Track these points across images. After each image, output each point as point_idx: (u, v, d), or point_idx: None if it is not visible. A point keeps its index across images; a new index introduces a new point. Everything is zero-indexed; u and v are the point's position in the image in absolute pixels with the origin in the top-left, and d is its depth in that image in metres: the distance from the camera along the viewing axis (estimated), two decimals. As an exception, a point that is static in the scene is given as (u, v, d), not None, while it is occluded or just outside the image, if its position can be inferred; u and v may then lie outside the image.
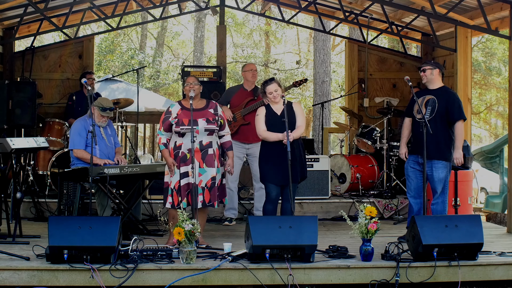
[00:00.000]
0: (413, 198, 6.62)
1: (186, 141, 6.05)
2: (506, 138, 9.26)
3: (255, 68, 7.76)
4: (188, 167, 6.01)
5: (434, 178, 6.47)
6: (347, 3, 9.73)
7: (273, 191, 6.31)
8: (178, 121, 6.08)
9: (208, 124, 6.11)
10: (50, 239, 5.16)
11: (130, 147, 10.01)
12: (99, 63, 20.68)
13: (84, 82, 6.62)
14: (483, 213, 11.07)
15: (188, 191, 6.01)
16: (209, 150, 6.11)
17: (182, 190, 6.04)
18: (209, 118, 6.15)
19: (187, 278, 5.22)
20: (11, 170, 6.58)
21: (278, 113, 6.35)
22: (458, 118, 6.44)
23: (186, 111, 6.12)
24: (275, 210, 6.41)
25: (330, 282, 5.41)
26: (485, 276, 5.56)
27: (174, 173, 6.05)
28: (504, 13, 7.84)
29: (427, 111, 6.48)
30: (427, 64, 6.64)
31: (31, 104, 8.42)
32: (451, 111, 6.42)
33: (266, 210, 6.35)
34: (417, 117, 6.55)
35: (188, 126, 6.01)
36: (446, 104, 6.41)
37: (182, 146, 6.08)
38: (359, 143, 9.51)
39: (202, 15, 20.88)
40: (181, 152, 6.08)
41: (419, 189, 6.56)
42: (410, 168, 6.65)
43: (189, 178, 6.01)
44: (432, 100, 6.50)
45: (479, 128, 24.35)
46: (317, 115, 14.81)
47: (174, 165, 6.05)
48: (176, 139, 6.13)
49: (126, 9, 9.82)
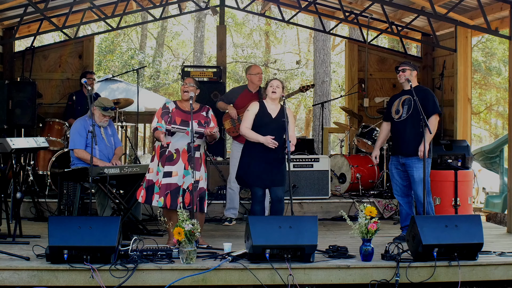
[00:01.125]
0: (400, 197, 6.71)
1: (175, 141, 6.08)
2: (506, 138, 9.26)
3: (260, 71, 7.71)
4: (173, 167, 6.03)
5: (415, 178, 6.50)
6: (347, 3, 9.73)
7: (258, 192, 6.35)
8: (170, 119, 6.11)
9: (199, 127, 6.12)
10: (50, 239, 5.16)
11: (130, 147, 10.02)
12: (99, 63, 20.68)
13: (84, 82, 6.61)
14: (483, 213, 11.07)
15: (168, 191, 6.01)
16: (196, 153, 6.10)
17: (161, 189, 6.04)
18: (201, 121, 6.18)
19: (187, 278, 5.22)
20: (11, 170, 6.58)
21: (273, 114, 6.36)
22: (432, 112, 6.48)
23: (180, 111, 6.17)
24: (263, 210, 6.50)
25: (330, 282, 5.41)
26: (485, 276, 5.56)
27: (165, 139, 5.98)
28: (504, 13, 7.84)
29: (404, 110, 6.55)
30: (406, 65, 6.66)
31: (31, 104, 8.42)
32: (426, 106, 6.43)
33: (255, 211, 6.38)
34: (395, 118, 6.64)
35: (179, 125, 6.04)
36: (422, 101, 6.42)
37: (170, 145, 6.09)
38: (359, 143, 9.52)
39: (202, 15, 20.88)
40: (168, 151, 6.09)
41: (404, 188, 6.67)
42: (394, 169, 6.73)
43: (172, 178, 6.02)
44: (408, 99, 6.56)
45: (479, 128, 24.35)
46: (317, 115, 14.81)
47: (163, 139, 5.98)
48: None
49: (126, 9, 9.82)
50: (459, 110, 8.74)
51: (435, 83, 10.01)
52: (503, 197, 11.17)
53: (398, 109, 6.63)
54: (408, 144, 6.47)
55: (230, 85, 21.37)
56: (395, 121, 6.67)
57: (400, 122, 6.58)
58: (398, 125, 6.61)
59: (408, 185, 6.64)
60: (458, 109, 8.74)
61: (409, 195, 6.67)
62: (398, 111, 6.61)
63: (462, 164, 7.78)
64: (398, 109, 6.63)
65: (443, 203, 7.62)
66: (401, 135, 6.57)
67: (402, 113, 6.57)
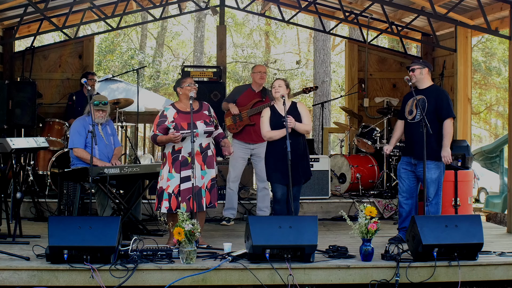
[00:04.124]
0: (405, 199, 6.59)
1: (186, 145, 6.01)
2: (506, 138, 9.26)
3: (264, 70, 7.72)
4: (189, 171, 5.96)
5: (427, 179, 6.38)
6: (347, 3, 9.73)
7: (278, 191, 6.36)
8: (176, 125, 6.03)
9: (207, 127, 6.11)
10: (50, 239, 5.16)
11: (130, 147, 10.01)
12: (99, 63, 20.68)
13: (84, 82, 6.60)
14: (483, 213, 11.08)
15: (190, 196, 5.95)
16: (209, 152, 6.14)
17: (182, 194, 6.01)
18: (206, 120, 6.16)
19: (187, 278, 5.22)
20: (11, 170, 6.57)
21: (282, 113, 6.37)
22: (446, 116, 6.39)
23: (183, 114, 6.09)
24: (283, 209, 6.43)
25: (330, 282, 5.41)
26: (485, 276, 5.56)
27: (179, 136, 5.96)
28: (504, 13, 7.84)
29: (418, 112, 6.42)
30: (416, 64, 6.56)
31: (31, 104, 8.42)
32: (440, 109, 6.37)
33: (275, 210, 6.47)
34: (409, 119, 6.55)
35: (187, 130, 5.96)
36: (436, 103, 6.37)
37: (182, 150, 6.05)
38: (359, 143, 9.52)
39: (202, 15, 20.88)
40: (181, 156, 6.05)
41: (411, 190, 6.57)
42: (402, 169, 6.62)
43: (191, 182, 5.95)
44: (422, 100, 6.43)
45: (479, 128, 24.36)
46: (317, 115, 14.80)
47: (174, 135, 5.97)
48: (174, 144, 6.07)
49: (126, 9, 9.82)
50: (459, 110, 8.74)
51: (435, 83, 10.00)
52: (503, 197, 11.18)
53: (411, 109, 6.48)
54: (421, 148, 6.24)
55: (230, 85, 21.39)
56: (408, 121, 6.54)
57: (414, 123, 6.42)
58: (412, 126, 6.45)
59: (415, 187, 6.55)
60: (458, 109, 8.73)
61: (413, 197, 6.56)
62: (412, 112, 6.47)
63: (462, 164, 7.77)
64: (411, 110, 6.48)
65: (443, 203, 7.55)
66: (414, 137, 6.40)
67: (416, 115, 6.43)
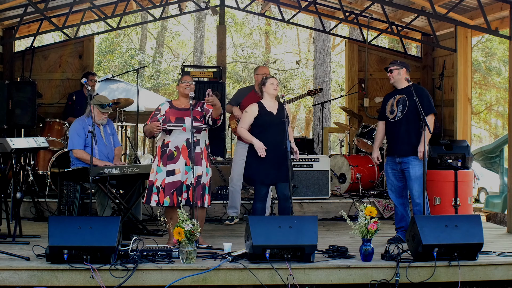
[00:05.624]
0: (395, 198, 6.67)
1: (173, 139, 6.12)
2: (506, 138, 9.26)
3: (268, 72, 7.70)
4: (175, 165, 6.06)
5: (411, 176, 6.46)
6: (347, 3, 9.73)
7: (262, 190, 6.40)
8: (165, 118, 6.16)
9: (195, 122, 6.12)
10: (50, 239, 5.16)
11: (130, 147, 10.01)
12: (99, 63, 20.68)
13: (84, 82, 6.60)
14: (483, 213, 11.08)
15: (173, 190, 6.04)
16: (197, 148, 6.13)
17: (166, 188, 6.06)
18: (197, 117, 6.18)
19: (187, 278, 5.22)
20: (11, 170, 6.58)
21: (273, 111, 6.40)
22: (427, 112, 6.45)
23: (174, 109, 6.21)
24: (264, 209, 6.55)
25: (330, 282, 5.41)
26: (485, 276, 5.56)
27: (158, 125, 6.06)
28: (504, 13, 7.84)
29: (399, 110, 6.52)
30: (393, 65, 6.66)
31: (31, 104, 8.41)
32: (421, 106, 6.39)
33: (256, 208, 6.44)
34: (390, 118, 6.61)
35: (174, 123, 6.07)
36: (415, 101, 6.40)
37: (170, 143, 6.13)
38: (359, 143, 9.52)
39: (202, 15, 20.89)
40: (168, 149, 6.13)
41: (399, 188, 6.63)
42: (389, 169, 6.69)
43: (176, 176, 6.05)
44: (402, 98, 6.53)
45: (479, 128, 24.36)
46: (317, 115, 14.81)
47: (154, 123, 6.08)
48: (164, 137, 6.20)
49: (126, 9, 9.82)
50: (459, 110, 8.74)
51: (435, 83, 10.02)
52: (503, 197, 11.18)
53: (392, 108, 6.59)
54: (404, 144, 6.44)
55: (230, 85, 21.43)
56: (390, 121, 6.62)
57: (395, 122, 6.54)
58: (393, 125, 6.57)
59: (403, 186, 6.61)
60: (458, 109, 8.74)
61: (404, 196, 6.64)
62: (393, 111, 6.58)
63: (462, 164, 7.77)
64: (392, 109, 6.59)
65: (443, 203, 7.62)
66: (396, 135, 6.53)
67: (397, 113, 6.54)
